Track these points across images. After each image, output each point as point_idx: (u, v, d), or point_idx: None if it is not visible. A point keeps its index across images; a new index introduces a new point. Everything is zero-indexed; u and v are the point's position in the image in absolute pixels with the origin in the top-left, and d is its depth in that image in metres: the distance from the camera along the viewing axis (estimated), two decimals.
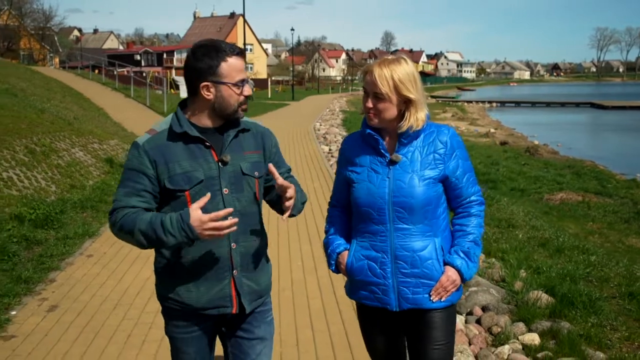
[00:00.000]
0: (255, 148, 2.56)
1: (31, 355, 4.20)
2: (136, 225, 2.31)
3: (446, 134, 2.58)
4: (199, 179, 2.39)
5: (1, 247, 6.11)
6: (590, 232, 11.11)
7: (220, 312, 2.48)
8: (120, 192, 2.42)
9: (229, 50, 2.37)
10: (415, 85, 2.49)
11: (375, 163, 2.59)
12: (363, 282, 2.62)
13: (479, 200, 2.65)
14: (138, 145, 2.42)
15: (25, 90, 18.46)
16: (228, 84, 2.37)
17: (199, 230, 2.23)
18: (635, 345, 4.57)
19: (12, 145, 9.29)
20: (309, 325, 4.71)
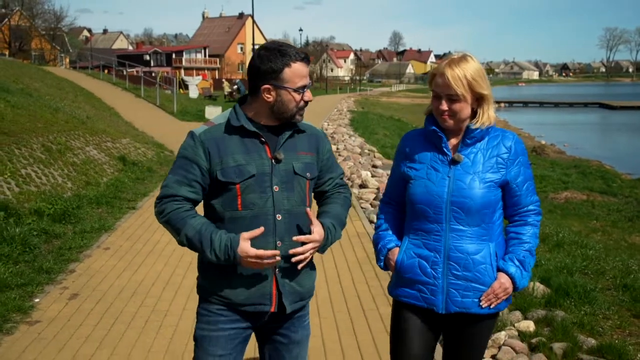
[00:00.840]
0: (309, 150, 2.56)
1: (56, 338, 4.49)
2: (184, 229, 2.36)
3: (511, 139, 2.55)
4: (250, 173, 2.40)
5: (23, 239, 6.40)
6: (594, 230, 11.23)
7: (257, 309, 2.48)
8: (171, 178, 2.44)
9: (294, 56, 2.38)
10: (486, 81, 2.49)
11: (435, 161, 2.55)
12: (411, 281, 2.58)
13: (537, 210, 2.61)
14: (194, 134, 2.45)
15: (39, 90, 18.84)
16: (289, 89, 2.39)
17: (242, 259, 2.30)
18: (626, 333, 4.80)
19: (30, 143, 9.60)
20: (315, 313, 4.97)
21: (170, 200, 2.41)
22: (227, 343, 2.50)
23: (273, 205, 2.42)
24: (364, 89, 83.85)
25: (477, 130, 2.50)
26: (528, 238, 2.56)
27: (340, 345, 4.40)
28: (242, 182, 2.40)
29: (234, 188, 2.40)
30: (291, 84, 2.38)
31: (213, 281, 2.49)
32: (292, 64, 2.37)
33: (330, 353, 4.27)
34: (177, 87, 32.61)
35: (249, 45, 71.91)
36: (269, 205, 2.41)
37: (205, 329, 2.51)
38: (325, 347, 4.37)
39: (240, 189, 2.40)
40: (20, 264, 5.96)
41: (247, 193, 2.40)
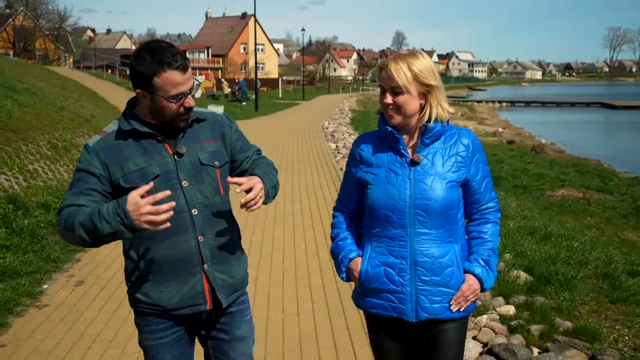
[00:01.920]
0: (213, 137, 2.48)
1: (63, 320, 4.78)
2: (76, 219, 2.19)
3: (468, 136, 2.49)
4: (154, 174, 2.31)
5: (31, 231, 6.70)
6: (588, 227, 11.45)
7: (193, 310, 2.40)
8: (68, 193, 2.32)
9: (166, 64, 2.21)
10: (435, 75, 2.41)
11: (393, 164, 2.45)
12: (378, 290, 2.47)
13: (497, 207, 2.57)
14: (88, 146, 2.35)
15: (44, 89, 19.16)
16: (161, 97, 2.25)
17: (135, 216, 2.07)
18: (602, 317, 5.07)
19: (37, 140, 9.90)
20: (309, 298, 5.26)
21: (65, 209, 2.27)
22: (174, 348, 2.44)
23: (186, 201, 2.34)
24: (367, 88, 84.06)
25: (435, 129, 2.41)
26: (490, 236, 2.52)
27: (330, 327, 4.68)
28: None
29: None
30: (162, 92, 2.24)
31: (141, 290, 2.38)
32: (162, 73, 2.21)
33: (321, 333, 4.56)
34: None
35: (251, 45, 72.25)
36: (182, 201, 2.33)
37: (148, 338, 2.44)
38: (317, 328, 4.65)
39: (147, 192, 2.20)
40: (29, 254, 6.26)
41: (155, 194, 2.21)
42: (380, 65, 2.47)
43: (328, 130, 21.98)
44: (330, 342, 4.41)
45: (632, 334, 4.74)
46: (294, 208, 8.87)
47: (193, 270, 2.36)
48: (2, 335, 4.49)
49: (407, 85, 2.36)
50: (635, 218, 12.72)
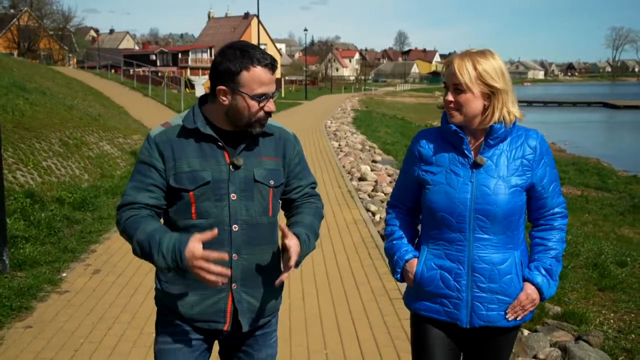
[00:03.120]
0: (275, 155, 2.35)
1: (83, 305, 5.09)
2: (136, 234, 2.15)
3: (535, 138, 2.37)
4: (205, 180, 2.22)
5: (48, 223, 7.02)
6: (585, 223, 11.70)
7: (210, 327, 2.30)
8: (129, 186, 2.27)
9: (256, 59, 2.16)
10: (503, 76, 2.31)
11: (455, 164, 2.35)
12: (432, 294, 2.40)
13: (563, 213, 2.46)
14: (150, 137, 2.29)
15: (51, 89, 19.46)
16: (245, 94, 2.17)
17: (190, 263, 2.05)
18: (590, 303, 5.39)
19: (49, 138, 10.23)
20: (313, 285, 5.58)
21: (128, 209, 2.23)
22: (187, 356, 2.35)
23: (229, 214, 2.24)
24: (369, 88, 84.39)
25: (501, 130, 2.31)
26: (554, 244, 2.41)
27: (334, 311, 4.99)
28: (196, 190, 2.22)
29: (187, 195, 2.23)
30: (248, 89, 2.17)
31: (167, 292, 2.32)
32: (252, 68, 2.15)
33: (325, 317, 4.87)
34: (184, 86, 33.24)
35: None
36: (225, 214, 2.24)
37: (163, 342, 2.35)
38: (321, 312, 4.96)
39: (194, 196, 2.22)
40: (46, 245, 6.58)
41: (201, 201, 2.22)
42: (446, 61, 2.38)
43: (331, 129, 22.32)
44: (334, 324, 4.72)
45: (617, 317, 5.06)
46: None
47: (220, 287, 2.20)
48: (28, 317, 4.81)
49: (469, 84, 2.27)
50: (632, 215, 12.95)
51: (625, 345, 4.47)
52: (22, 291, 5.19)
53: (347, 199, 9.74)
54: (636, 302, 5.35)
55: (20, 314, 4.85)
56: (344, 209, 8.97)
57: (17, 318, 4.78)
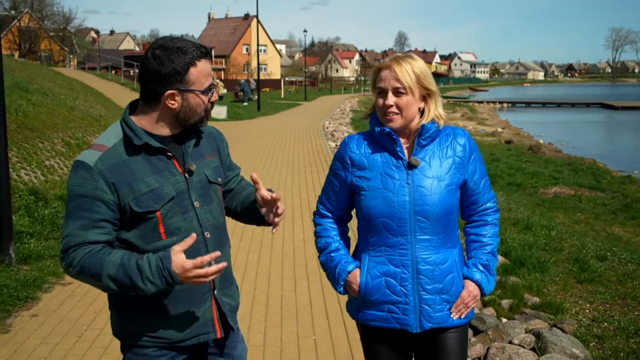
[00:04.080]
0: (211, 152, 2.30)
1: (86, 295, 5.37)
2: (104, 270, 1.97)
3: (463, 136, 2.40)
4: (170, 195, 2.10)
5: (51, 220, 7.30)
6: (577, 222, 11.93)
7: (201, 340, 2.22)
8: (72, 225, 2.02)
9: (196, 53, 2.07)
10: (432, 79, 2.36)
11: (389, 167, 2.33)
12: (379, 302, 2.36)
13: (495, 207, 2.48)
14: (88, 166, 2.03)
15: (53, 90, 19.73)
16: (197, 91, 2.09)
17: (182, 278, 1.96)
18: (568, 294, 5.65)
19: (51, 138, 10.52)
20: (305, 278, 5.85)
21: (79, 248, 2.01)
22: None
23: (199, 223, 2.17)
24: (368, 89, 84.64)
25: (432, 129, 2.33)
26: (489, 239, 2.43)
27: (324, 301, 5.26)
28: (162, 207, 2.09)
29: (154, 216, 2.08)
30: (198, 85, 2.09)
31: (143, 323, 2.14)
32: (197, 62, 2.06)
33: (315, 306, 5.14)
34: None
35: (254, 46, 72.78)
36: (195, 224, 2.16)
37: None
38: (312, 302, 5.24)
39: (161, 215, 2.09)
40: (50, 240, 6.85)
41: (168, 218, 2.10)
42: (379, 66, 2.37)
43: (328, 129, 22.61)
44: (323, 313, 5.00)
45: (592, 308, 5.33)
46: (294, 201, 9.47)
47: (204, 297, 2.19)
48: (34, 307, 5.09)
49: (412, 86, 2.29)
50: (623, 214, 13.15)
51: (597, 332, 4.73)
52: (27, 283, 5.47)
53: None
54: (612, 294, 5.61)
55: (27, 303, 5.13)
56: None
57: (24, 307, 5.06)
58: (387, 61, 2.34)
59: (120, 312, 2.18)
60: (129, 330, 2.17)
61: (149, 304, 2.11)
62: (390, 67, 2.30)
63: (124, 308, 2.16)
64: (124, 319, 2.18)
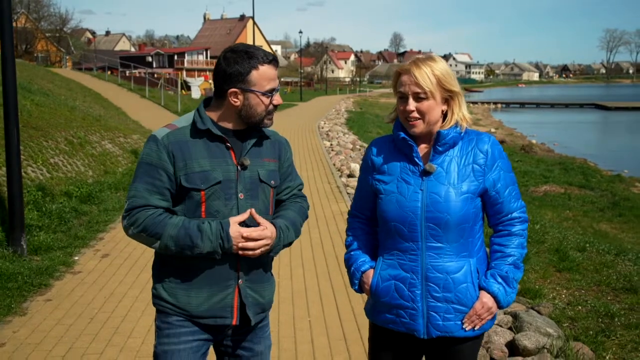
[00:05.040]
0: (272, 157, 2.49)
1: (96, 282, 5.73)
2: (166, 230, 2.24)
3: (487, 142, 2.34)
4: (217, 180, 2.31)
5: (59, 215, 7.65)
6: (565, 219, 12.28)
7: (217, 322, 2.38)
8: (139, 187, 2.31)
9: (262, 58, 2.30)
10: (455, 79, 2.32)
11: (406, 172, 2.34)
12: (389, 305, 2.38)
13: (522, 218, 2.39)
14: (157, 139, 2.33)
15: (52, 90, 20.06)
16: (257, 92, 2.31)
17: (234, 242, 2.24)
18: (547, 282, 6.04)
19: (55, 136, 10.85)
20: (300, 266, 6.24)
21: (142, 210, 2.29)
22: (190, 356, 2.40)
23: (237, 213, 2.34)
24: (364, 90, 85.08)
25: (449, 135, 2.30)
26: (512, 250, 2.35)
27: (318, 286, 5.64)
28: (208, 189, 2.31)
29: (198, 195, 2.31)
30: (259, 87, 2.31)
31: (170, 290, 2.38)
32: (260, 67, 2.30)
33: (309, 290, 5.52)
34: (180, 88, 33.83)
35: None
36: (234, 213, 2.33)
37: (166, 343, 2.40)
38: (307, 287, 5.62)
39: (205, 195, 2.31)
40: (58, 233, 7.21)
41: (212, 200, 2.31)
42: (399, 70, 2.34)
43: (323, 129, 23.00)
44: (317, 297, 5.37)
45: (568, 293, 5.71)
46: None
47: (227, 282, 2.35)
48: (47, 293, 5.44)
49: (433, 91, 2.26)
50: (611, 211, 13.49)
51: (571, 315, 5.12)
52: (40, 271, 5.83)
53: (336, 193, 10.40)
54: (587, 281, 6.00)
55: (40, 289, 5.49)
56: (332, 201, 9.65)
57: (38, 293, 5.42)
58: (407, 65, 2.31)
59: (158, 280, 2.42)
60: (161, 297, 2.40)
61: (181, 277, 2.35)
62: (410, 71, 2.28)
63: (162, 278, 2.40)
64: (159, 287, 2.40)
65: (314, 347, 4.40)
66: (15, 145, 6.32)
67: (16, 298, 5.19)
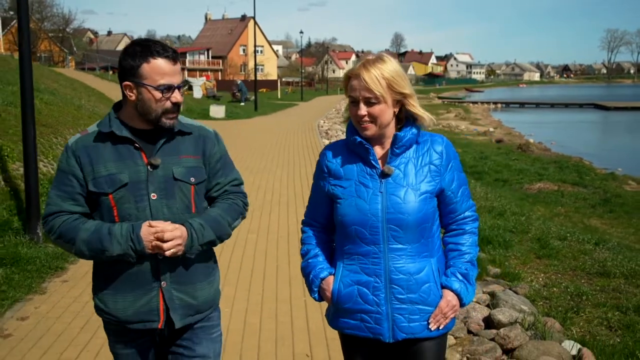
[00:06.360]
0: (195, 152, 2.40)
1: None
2: (79, 235, 2.23)
3: (441, 143, 2.37)
4: (122, 182, 2.26)
5: None
6: (557, 215, 12.64)
7: (146, 326, 2.35)
8: (51, 194, 2.33)
9: (155, 51, 2.23)
10: (406, 80, 2.30)
11: (363, 176, 2.33)
12: (352, 311, 2.36)
13: (474, 216, 2.45)
14: (67, 145, 2.34)
15: (58, 90, 20.50)
16: (148, 86, 2.23)
17: (145, 241, 2.19)
18: (527, 267, 6.49)
19: (64, 134, 11.32)
20: (297, 254, 6.65)
21: (57, 216, 2.31)
22: (139, 357, 2.46)
23: (151, 214, 2.28)
24: None
25: (405, 137, 2.32)
26: (468, 248, 2.39)
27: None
28: (115, 192, 2.27)
29: (107, 199, 2.28)
30: (150, 80, 2.23)
31: (101, 299, 2.37)
32: (152, 60, 2.22)
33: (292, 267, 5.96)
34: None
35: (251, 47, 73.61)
36: (147, 214, 2.28)
37: (112, 346, 2.48)
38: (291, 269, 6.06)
39: (113, 199, 2.27)
40: None
41: (121, 203, 2.27)
42: (348, 74, 2.32)
43: (323, 128, 23.48)
44: None
45: (545, 277, 6.17)
46: (289, 192, 10.32)
47: (150, 285, 2.32)
48: (63, 274, 5.92)
49: (384, 94, 2.25)
50: (602, 208, 13.84)
51: (545, 295, 5.56)
52: (55, 256, 6.29)
53: None
54: (564, 266, 6.45)
55: (57, 272, 5.96)
56: None
57: (55, 275, 5.89)
58: (357, 68, 2.29)
59: (93, 290, 2.43)
60: (96, 306, 2.42)
61: (108, 283, 2.34)
62: (360, 75, 2.26)
63: (95, 286, 2.42)
64: (94, 297, 2.43)
65: (308, 323, 4.85)
66: (32, 141, 6.79)
67: (35, 279, 5.66)
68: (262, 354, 4.27)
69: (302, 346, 4.39)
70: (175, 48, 2.77)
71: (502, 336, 4.46)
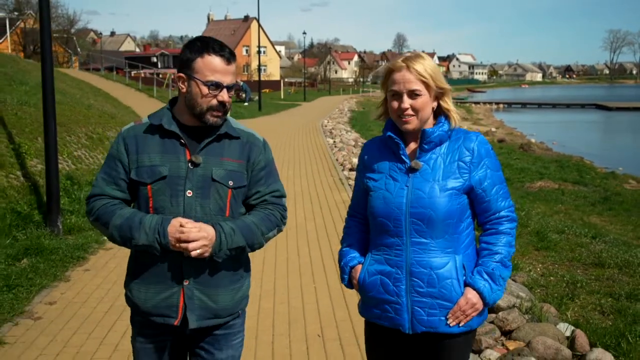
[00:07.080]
0: (239, 157, 2.41)
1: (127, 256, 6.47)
2: (112, 219, 2.29)
3: (474, 140, 2.36)
4: (161, 174, 2.30)
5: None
6: (557, 212, 12.86)
7: (165, 321, 2.37)
8: (98, 177, 2.40)
9: (212, 49, 2.29)
10: (443, 77, 2.37)
11: (394, 170, 2.38)
12: (375, 300, 2.42)
13: (510, 217, 2.42)
14: (120, 132, 2.42)
15: (66, 90, 20.84)
16: (197, 80, 2.28)
17: (170, 236, 2.21)
18: (525, 258, 6.78)
19: (76, 132, 11.65)
20: (306, 245, 7.00)
21: (98, 199, 2.38)
22: (154, 356, 2.47)
23: (184, 210, 2.31)
24: (367, 90, 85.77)
25: (434, 134, 2.34)
26: (500, 248, 2.37)
27: (322, 261, 6.43)
28: (154, 184, 2.32)
29: (145, 189, 2.33)
30: (200, 75, 2.28)
31: (129, 287, 2.44)
32: (207, 56, 2.28)
33: (314, 264, 6.32)
34: None
35: (254, 47, 73.83)
36: (180, 210, 2.31)
37: (137, 340, 2.50)
38: (312, 262, 6.39)
39: (151, 190, 2.32)
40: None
41: (158, 195, 2.32)
42: (391, 68, 2.35)
43: (327, 127, 23.81)
44: (321, 269, 6.15)
45: (543, 267, 6.46)
46: (295, 189, 10.65)
47: (173, 282, 2.34)
48: (85, 264, 6.24)
49: (430, 85, 2.31)
50: (601, 205, 14.03)
51: (543, 283, 5.86)
52: (77, 247, 6.61)
53: (338, 184, 11.20)
54: (561, 257, 6.74)
55: (79, 262, 6.29)
56: (335, 192, 10.45)
57: (77, 264, 6.21)
58: (399, 62, 2.33)
59: (126, 279, 2.51)
60: (125, 294, 2.50)
61: (138, 273, 2.40)
62: (403, 68, 2.31)
63: (128, 274, 2.49)
64: (126, 284, 2.49)
65: (319, 306, 5.16)
66: (53, 137, 7.12)
67: (59, 268, 5.98)
68: (276, 334, 4.59)
69: (314, 327, 4.71)
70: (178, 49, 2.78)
71: (501, 319, 4.77)
